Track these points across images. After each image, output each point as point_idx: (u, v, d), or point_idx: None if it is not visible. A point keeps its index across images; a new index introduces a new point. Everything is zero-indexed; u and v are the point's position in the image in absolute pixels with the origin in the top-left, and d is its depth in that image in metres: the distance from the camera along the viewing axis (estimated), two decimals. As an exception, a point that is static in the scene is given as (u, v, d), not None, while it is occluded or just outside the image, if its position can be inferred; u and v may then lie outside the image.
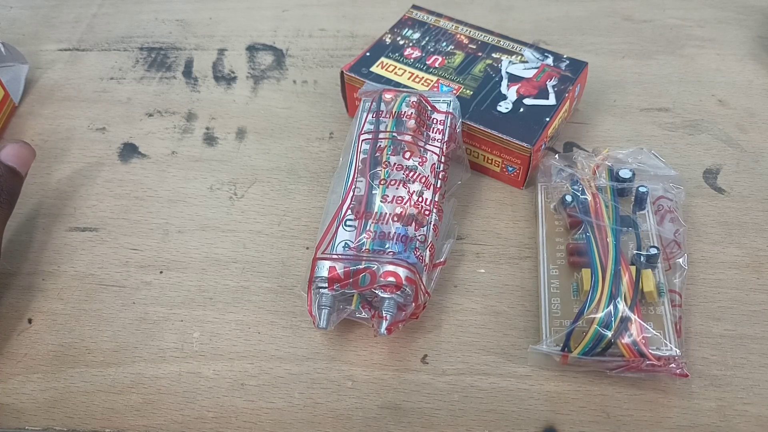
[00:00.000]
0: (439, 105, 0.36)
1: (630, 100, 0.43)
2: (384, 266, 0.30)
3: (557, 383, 0.30)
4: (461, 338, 0.32)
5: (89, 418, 0.30)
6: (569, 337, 0.29)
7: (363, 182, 0.33)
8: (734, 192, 0.38)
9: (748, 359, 0.31)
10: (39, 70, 0.48)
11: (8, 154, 0.35)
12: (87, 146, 0.42)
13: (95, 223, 0.38)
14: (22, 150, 0.35)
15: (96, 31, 0.51)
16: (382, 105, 0.35)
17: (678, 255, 0.33)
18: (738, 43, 0.47)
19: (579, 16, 0.50)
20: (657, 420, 0.29)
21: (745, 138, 0.40)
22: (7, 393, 0.31)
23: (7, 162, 0.34)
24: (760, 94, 0.43)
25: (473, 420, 0.29)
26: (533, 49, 0.41)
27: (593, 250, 0.31)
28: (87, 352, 0.32)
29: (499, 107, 0.37)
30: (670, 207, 0.34)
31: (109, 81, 0.47)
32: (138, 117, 0.44)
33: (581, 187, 0.34)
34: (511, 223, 0.37)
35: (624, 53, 0.47)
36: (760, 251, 0.35)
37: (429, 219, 0.32)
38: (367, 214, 0.32)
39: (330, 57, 0.48)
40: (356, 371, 0.31)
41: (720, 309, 0.32)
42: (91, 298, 0.34)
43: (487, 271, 0.35)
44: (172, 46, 0.49)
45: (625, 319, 0.29)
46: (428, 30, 0.43)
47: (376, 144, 0.34)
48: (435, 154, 0.34)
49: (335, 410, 0.30)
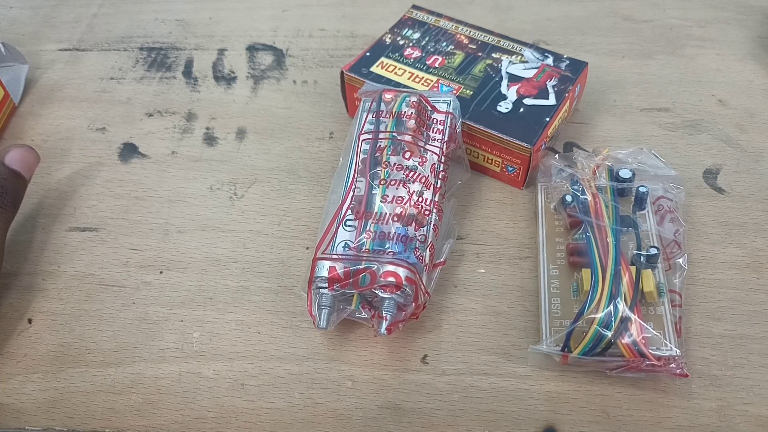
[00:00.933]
0: (439, 105, 0.36)
1: (630, 100, 0.43)
2: (384, 266, 0.30)
3: (557, 383, 0.30)
4: (461, 338, 0.32)
5: (89, 418, 0.30)
6: (569, 337, 0.29)
7: (363, 182, 0.33)
8: (734, 192, 0.38)
9: (748, 359, 0.31)
10: (39, 70, 0.48)
11: (13, 157, 0.35)
12: (87, 146, 0.42)
13: (95, 223, 0.38)
14: (27, 154, 0.35)
15: (96, 31, 0.51)
16: (382, 105, 0.35)
17: (678, 255, 0.33)
18: (738, 43, 0.47)
19: (579, 16, 0.50)
20: (657, 420, 0.29)
21: (745, 138, 0.40)
22: (7, 393, 0.31)
23: (12, 165, 0.34)
24: (760, 94, 0.43)
25: (473, 420, 0.29)
26: (533, 49, 0.41)
27: (593, 250, 0.31)
28: (87, 352, 0.32)
29: (499, 107, 0.37)
30: (670, 207, 0.34)
31: (109, 81, 0.47)
32: (138, 117, 0.44)
33: (581, 187, 0.34)
34: (511, 223, 0.37)
35: (624, 53, 0.47)
36: (760, 251, 0.35)
37: (429, 219, 0.32)
38: (367, 214, 0.32)
39: (330, 57, 0.48)
40: (356, 371, 0.31)
41: (720, 309, 0.32)
42: (91, 298, 0.34)
43: (487, 271, 0.35)
44: (172, 46, 0.49)
45: (625, 319, 0.29)
46: (428, 30, 0.43)
47: (376, 144, 0.34)
48: (435, 154, 0.34)
49: (335, 410, 0.30)
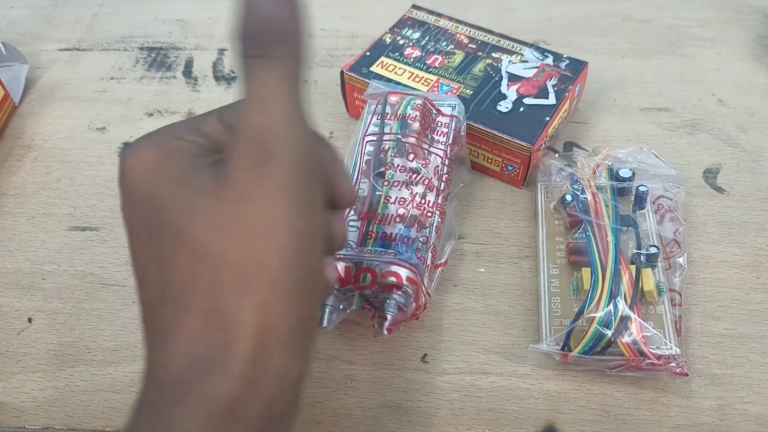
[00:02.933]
0: (444, 108, 0.36)
1: (630, 100, 0.43)
2: (386, 266, 0.30)
3: (557, 382, 0.30)
4: (461, 337, 0.32)
5: (89, 417, 0.30)
6: (569, 336, 0.29)
7: (366, 183, 0.33)
8: (734, 191, 0.38)
9: (748, 358, 0.31)
10: (39, 70, 0.48)
11: None
12: (87, 146, 0.42)
13: (95, 223, 0.38)
14: None
15: (96, 31, 0.51)
16: (388, 107, 0.35)
17: (678, 254, 0.33)
18: (738, 43, 0.47)
19: (579, 16, 0.50)
20: (657, 419, 0.29)
21: (745, 137, 0.40)
22: (7, 392, 0.31)
23: None
24: (760, 94, 0.43)
25: (473, 419, 0.29)
26: (533, 49, 0.41)
27: (593, 250, 0.31)
28: (87, 351, 0.32)
29: (499, 107, 0.37)
30: (670, 206, 0.34)
31: (109, 81, 0.47)
32: (138, 117, 0.44)
33: (581, 187, 0.34)
34: (511, 223, 0.37)
35: (624, 53, 0.47)
36: (759, 250, 0.35)
37: (431, 221, 0.32)
38: (370, 215, 0.32)
39: (330, 57, 0.48)
40: (356, 370, 0.31)
41: (720, 308, 0.33)
42: (91, 297, 0.34)
43: (487, 270, 0.35)
44: (172, 46, 0.49)
45: (625, 318, 0.29)
46: (428, 30, 0.43)
47: (381, 146, 0.34)
48: (439, 156, 0.34)
49: (335, 409, 0.30)
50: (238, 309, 0.20)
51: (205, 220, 0.20)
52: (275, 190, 0.20)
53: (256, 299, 0.20)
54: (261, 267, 0.20)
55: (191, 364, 0.20)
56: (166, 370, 0.21)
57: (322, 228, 0.23)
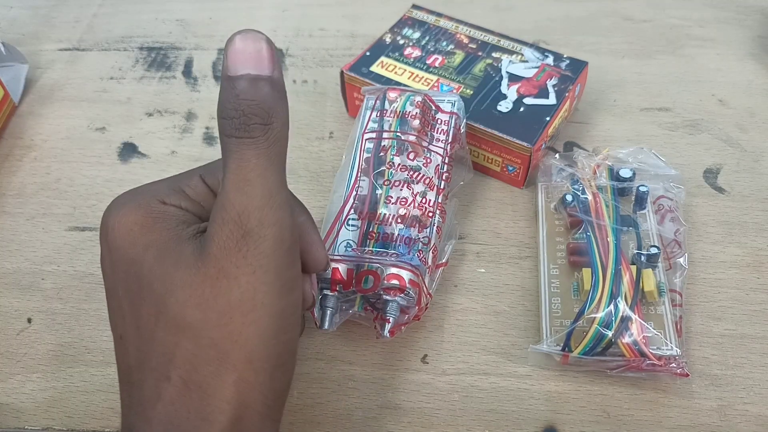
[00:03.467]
0: (443, 105, 0.36)
1: (630, 100, 0.43)
2: (387, 269, 0.29)
3: (557, 383, 0.30)
4: (461, 338, 0.32)
5: (89, 417, 0.30)
6: (569, 337, 0.29)
7: (366, 182, 0.33)
8: (734, 191, 0.38)
9: (749, 359, 0.31)
10: (39, 70, 0.48)
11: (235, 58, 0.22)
12: (87, 146, 0.42)
13: (95, 223, 0.38)
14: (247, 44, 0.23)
15: (96, 31, 0.51)
16: (386, 104, 0.35)
17: (678, 254, 0.33)
18: (738, 43, 0.47)
19: (579, 16, 0.50)
20: (657, 420, 0.29)
21: (745, 138, 0.40)
22: (7, 392, 0.31)
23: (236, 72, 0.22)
24: (760, 94, 0.43)
25: (473, 420, 0.29)
26: (533, 49, 0.41)
27: (594, 250, 0.31)
28: (86, 351, 0.32)
29: (499, 107, 0.37)
30: (670, 206, 0.34)
31: (109, 81, 0.47)
32: (138, 117, 0.44)
33: (581, 187, 0.34)
34: (512, 223, 0.37)
35: (624, 53, 0.47)
36: (760, 251, 0.35)
37: (432, 221, 0.32)
38: (370, 215, 0.32)
39: (330, 57, 0.47)
40: (357, 371, 0.31)
41: (720, 308, 0.32)
42: (91, 297, 0.34)
43: (488, 270, 0.35)
44: (172, 46, 0.49)
45: (626, 319, 0.29)
46: (428, 29, 0.43)
47: (380, 144, 0.34)
48: (439, 155, 0.34)
49: (336, 410, 0.30)
50: (218, 384, 0.21)
51: (187, 295, 0.21)
52: (255, 270, 0.21)
53: (235, 375, 0.21)
54: (241, 345, 0.21)
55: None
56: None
57: (299, 302, 0.24)
